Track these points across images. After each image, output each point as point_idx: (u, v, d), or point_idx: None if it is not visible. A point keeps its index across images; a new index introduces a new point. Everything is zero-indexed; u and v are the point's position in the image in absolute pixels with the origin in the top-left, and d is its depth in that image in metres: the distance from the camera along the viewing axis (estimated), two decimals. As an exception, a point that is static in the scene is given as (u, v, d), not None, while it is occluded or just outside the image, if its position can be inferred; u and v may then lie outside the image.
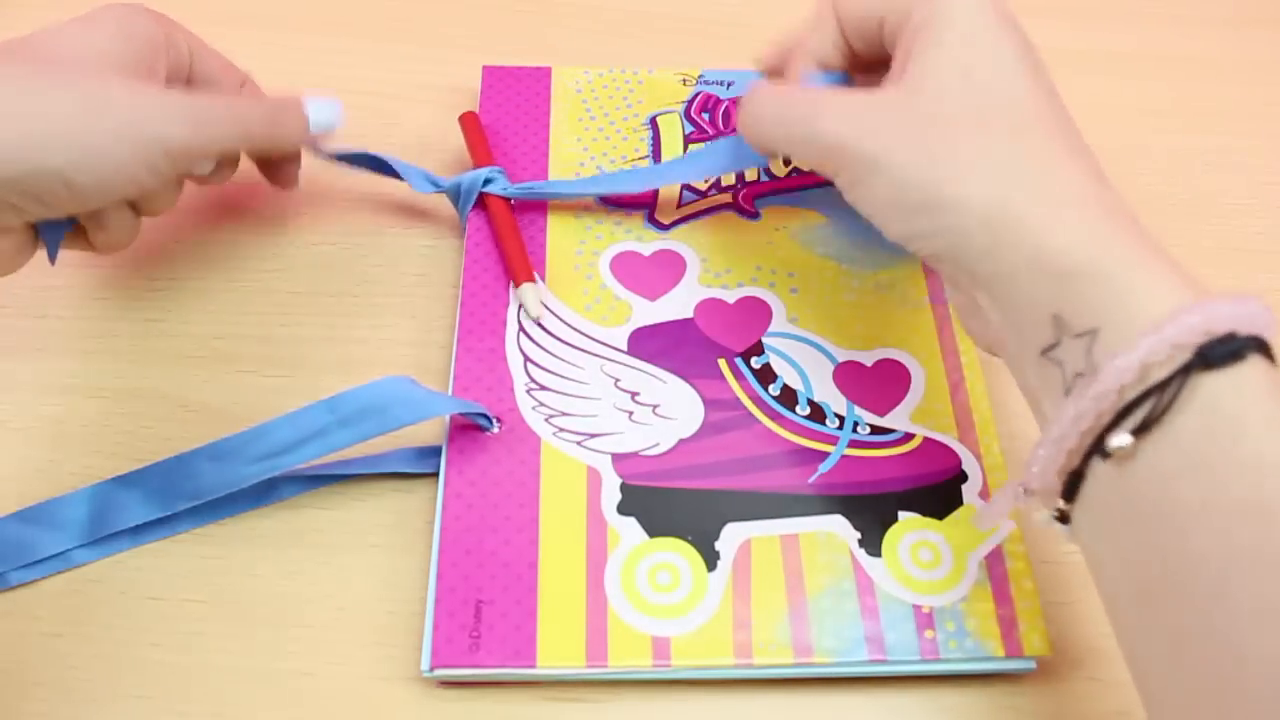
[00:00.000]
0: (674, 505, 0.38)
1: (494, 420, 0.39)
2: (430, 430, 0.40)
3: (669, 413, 0.40)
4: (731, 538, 0.37)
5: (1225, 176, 0.52)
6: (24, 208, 0.35)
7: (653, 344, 0.42)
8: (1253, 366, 0.26)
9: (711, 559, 0.37)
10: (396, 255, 0.46)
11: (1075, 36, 0.58)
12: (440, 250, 0.46)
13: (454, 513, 0.37)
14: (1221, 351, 0.26)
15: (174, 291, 0.44)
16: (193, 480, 0.38)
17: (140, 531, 0.38)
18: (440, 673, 0.35)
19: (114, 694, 0.35)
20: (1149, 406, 0.26)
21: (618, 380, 0.41)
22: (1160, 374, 0.26)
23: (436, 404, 0.38)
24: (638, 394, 0.40)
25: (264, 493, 0.39)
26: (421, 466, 0.39)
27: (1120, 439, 0.27)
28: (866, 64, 0.38)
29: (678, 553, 0.37)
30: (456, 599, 0.35)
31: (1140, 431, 0.27)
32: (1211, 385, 0.26)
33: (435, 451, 0.39)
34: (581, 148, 0.48)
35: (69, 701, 0.35)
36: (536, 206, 0.45)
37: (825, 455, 0.39)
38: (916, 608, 0.36)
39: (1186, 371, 0.26)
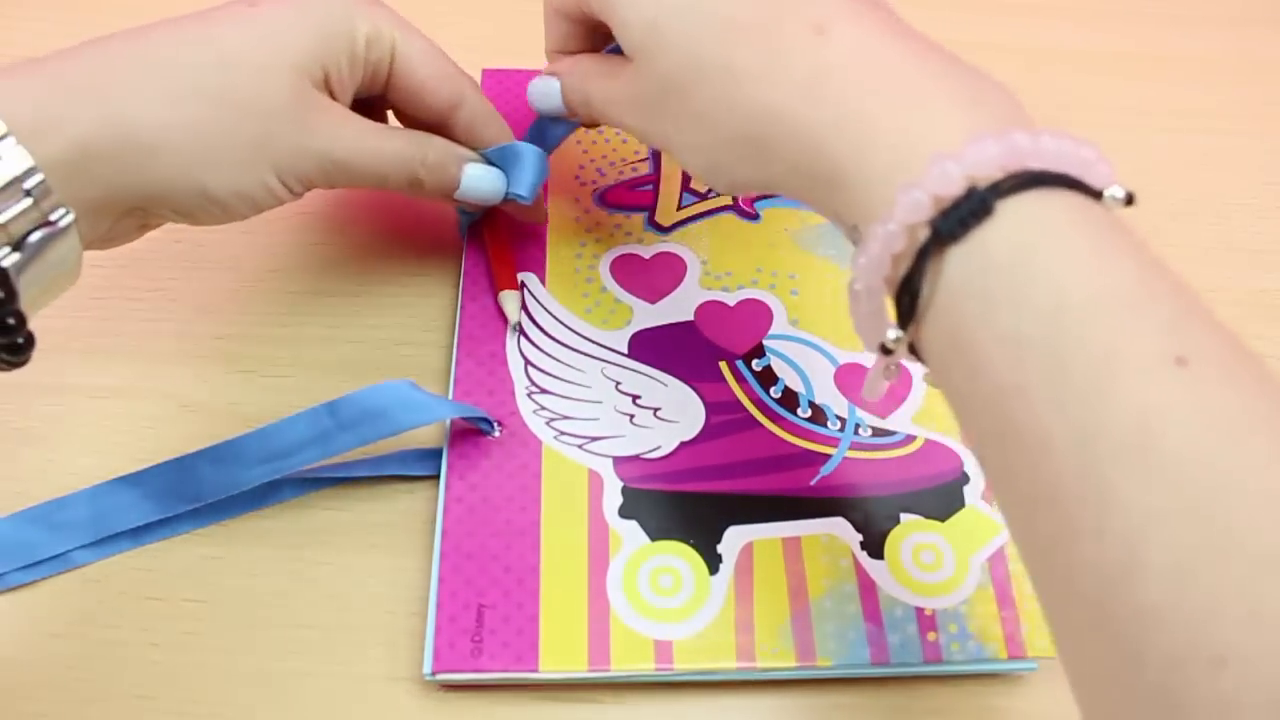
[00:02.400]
0: (676, 508, 0.38)
1: (495, 424, 0.39)
2: (431, 433, 0.40)
3: (670, 416, 0.40)
4: (733, 540, 0.37)
5: (1225, 176, 0.52)
6: (169, 217, 0.35)
7: (654, 347, 0.42)
8: (1015, 216, 0.24)
9: (713, 562, 0.37)
10: (397, 256, 0.46)
11: (1075, 36, 0.57)
12: (441, 251, 0.46)
13: (455, 517, 0.37)
14: (960, 216, 0.24)
15: (175, 292, 0.44)
16: (194, 483, 0.38)
17: (141, 532, 0.38)
18: (442, 677, 0.35)
19: (114, 694, 0.35)
20: (914, 285, 0.25)
21: (619, 383, 0.41)
22: (918, 240, 0.25)
23: (438, 408, 0.38)
24: (639, 397, 0.40)
25: (265, 494, 0.39)
26: (422, 469, 0.39)
27: (892, 332, 0.27)
28: None
29: (680, 556, 0.37)
30: (458, 603, 0.35)
31: (905, 320, 0.26)
32: (961, 256, 0.24)
33: (436, 454, 0.39)
34: (581, 150, 0.48)
35: (69, 701, 0.35)
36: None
37: (827, 458, 0.39)
38: (919, 610, 0.36)
39: (927, 251, 0.25)
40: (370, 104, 0.40)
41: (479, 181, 0.40)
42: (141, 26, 0.34)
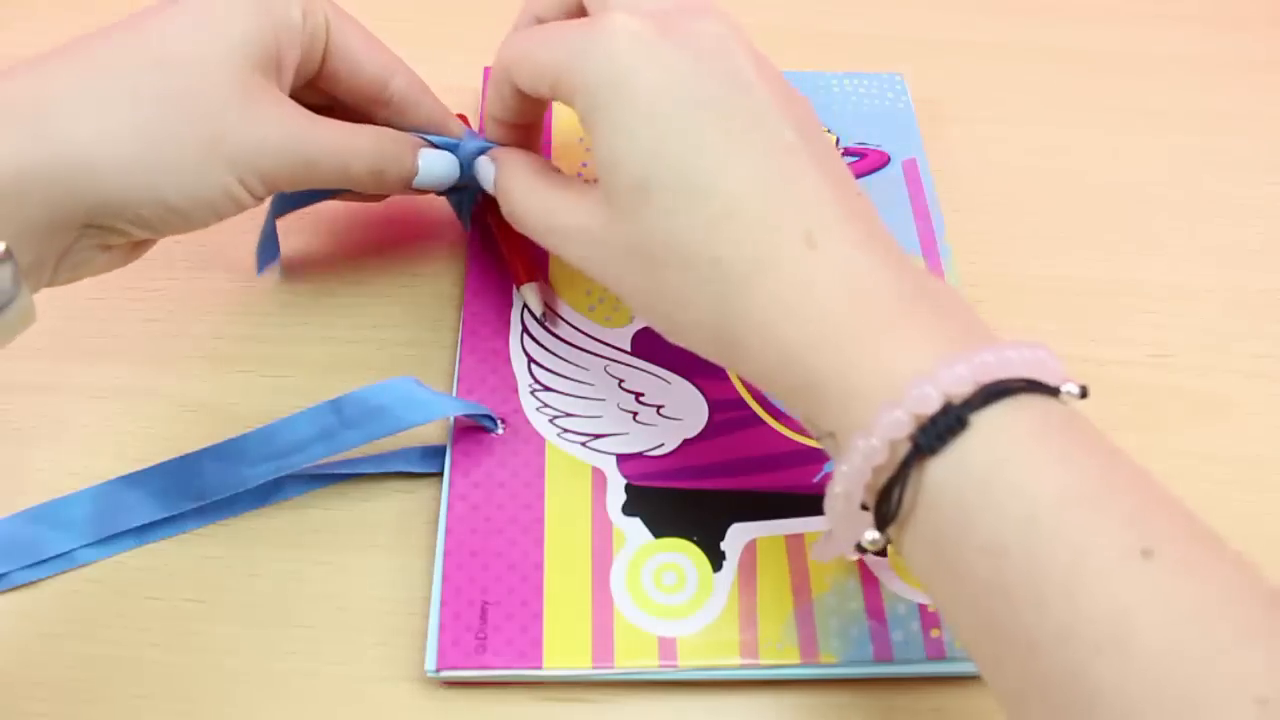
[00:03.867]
0: (679, 506, 0.38)
1: (498, 421, 0.39)
2: (434, 431, 0.40)
3: (674, 413, 0.40)
4: (737, 538, 0.37)
5: (1225, 176, 0.52)
6: (131, 232, 0.33)
7: (657, 344, 0.42)
8: (991, 430, 0.26)
9: (717, 559, 0.37)
10: (397, 256, 0.46)
11: (1075, 36, 0.58)
12: (442, 251, 0.46)
13: (458, 514, 0.37)
14: (938, 432, 0.26)
15: (175, 292, 0.44)
16: (198, 481, 0.37)
17: (143, 531, 0.38)
18: (446, 674, 0.35)
19: (114, 694, 0.35)
20: (894, 496, 0.26)
21: (622, 381, 0.41)
22: (899, 454, 0.26)
23: (441, 405, 0.38)
24: (642, 394, 0.40)
25: (267, 492, 0.39)
26: (425, 466, 0.39)
27: (870, 534, 0.28)
28: None
29: (683, 553, 0.37)
30: (462, 600, 0.35)
31: (884, 524, 0.27)
32: (940, 468, 0.26)
33: (439, 451, 0.39)
34: (584, 148, 0.48)
35: (69, 701, 0.35)
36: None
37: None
38: (922, 607, 0.36)
39: (909, 463, 0.26)
40: (301, 93, 0.38)
41: (434, 165, 0.39)
42: (79, 37, 0.33)
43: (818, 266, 0.29)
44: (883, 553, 0.29)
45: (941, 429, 0.25)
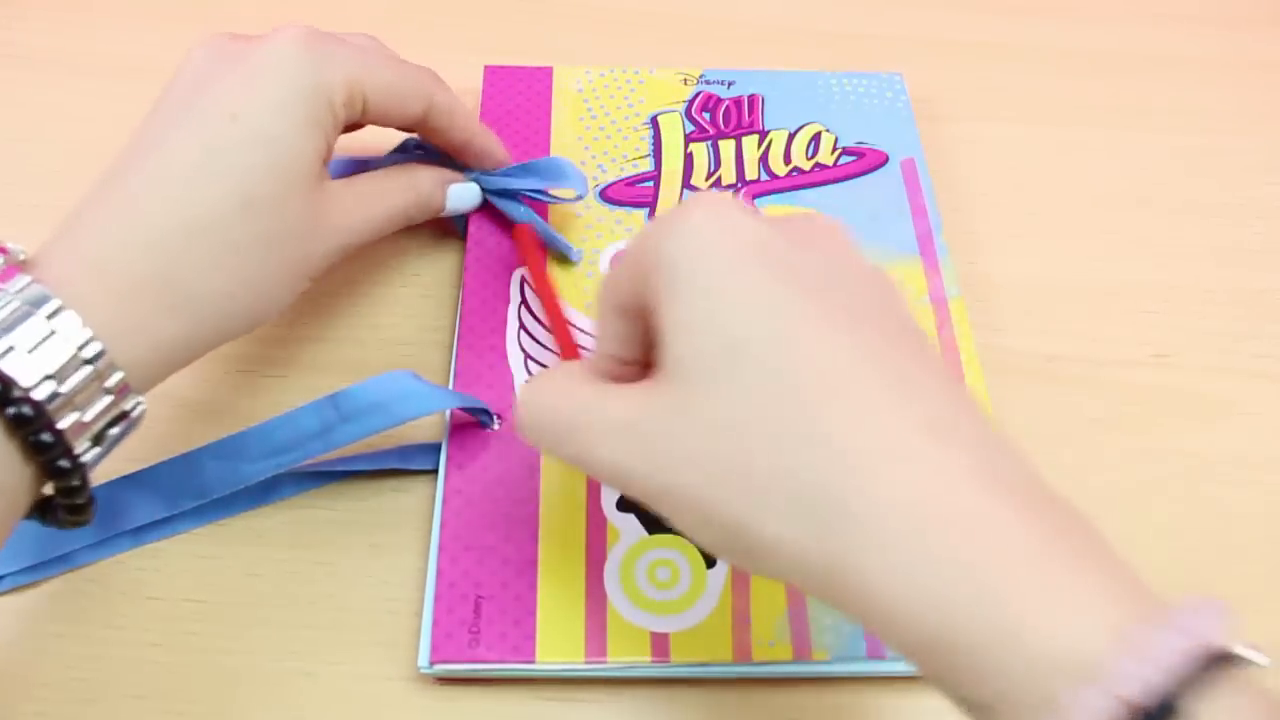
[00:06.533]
0: (674, 503, 0.38)
1: (494, 417, 0.39)
2: (430, 427, 0.40)
3: (669, 411, 0.40)
4: (732, 535, 0.37)
5: (1225, 176, 0.52)
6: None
7: (653, 342, 0.42)
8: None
9: (711, 556, 0.37)
10: (396, 255, 0.46)
11: (1075, 36, 0.58)
12: (440, 250, 0.46)
13: (454, 509, 0.37)
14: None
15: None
16: (197, 479, 0.38)
17: (142, 531, 0.38)
18: (439, 668, 0.35)
19: (114, 694, 0.35)
20: None
21: (618, 378, 0.41)
22: None
23: (439, 399, 0.38)
24: (638, 392, 0.40)
25: (265, 491, 0.39)
26: (422, 463, 0.39)
27: None
28: None
29: (677, 549, 0.37)
30: (456, 595, 0.35)
31: None
32: None
33: (435, 448, 0.39)
34: (583, 147, 0.48)
35: (69, 701, 0.35)
36: (538, 205, 0.45)
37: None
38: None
39: None
40: None
41: (460, 200, 0.43)
42: (144, 167, 0.33)
43: (948, 466, 0.24)
44: None
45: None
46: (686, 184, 0.47)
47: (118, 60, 0.52)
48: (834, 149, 0.48)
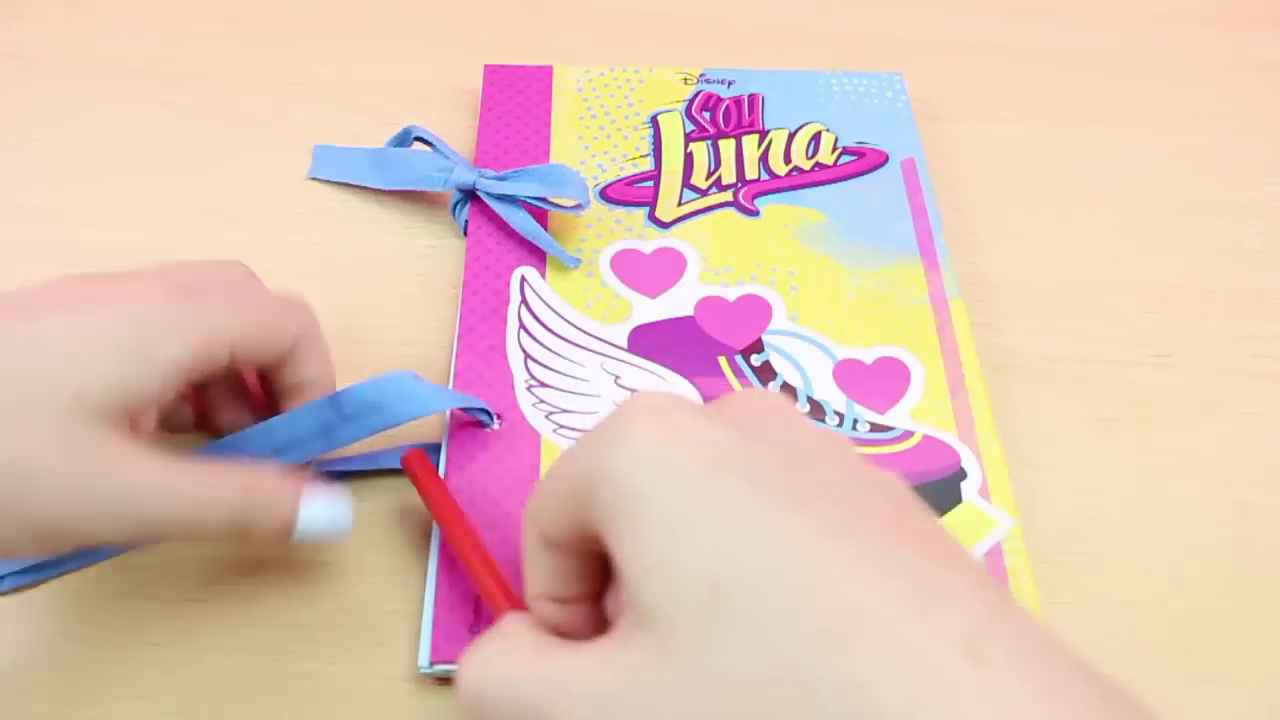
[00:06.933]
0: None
1: (494, 417, 0.39)
2: (431, 427, 0.40)
3: (669, 411, 0.40)
4: (732, 536, 0.37)
5: (1225, 176, 0.52)
6: None
7: (653, 341, 0.42)
8: None
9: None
10: (396, 255, 0.46)
11: (1075, 36, 0.58)
12: (440, 250, 0.46)
13: (454, 510, 0.37)
14: None
15: (174, 290, 0.44)
16: None
17: None
18: (439, 668, 0.34)
19: (114, 694, 0.35)
20: None
21: (618, 378, 0.41)
22: None
23: (439, 399, 0.38)
24: (638, 391, 0.40)
25: None
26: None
27: None
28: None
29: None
30: (456, 595, 0.35)
31: None
32: None
33: (435, 449, 0.39)
34: (583, 146, 0.48)
35: (69, 701, 0.35)
36: (537, 211, 0.45)
37: (826, 453, 0.39)
38: (917, 605, 0.36)
39: None
40: None
41: (317, 518, 0.32)
42: None
43: (996, 684, 0.20)
44: None
45: None
46: (687, 183, 0.47)
47: (118, 60, 0.52)
48: (834, 148, 0.48)
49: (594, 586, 0.27)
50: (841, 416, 0.40)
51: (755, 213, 0.46)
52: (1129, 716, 0.21)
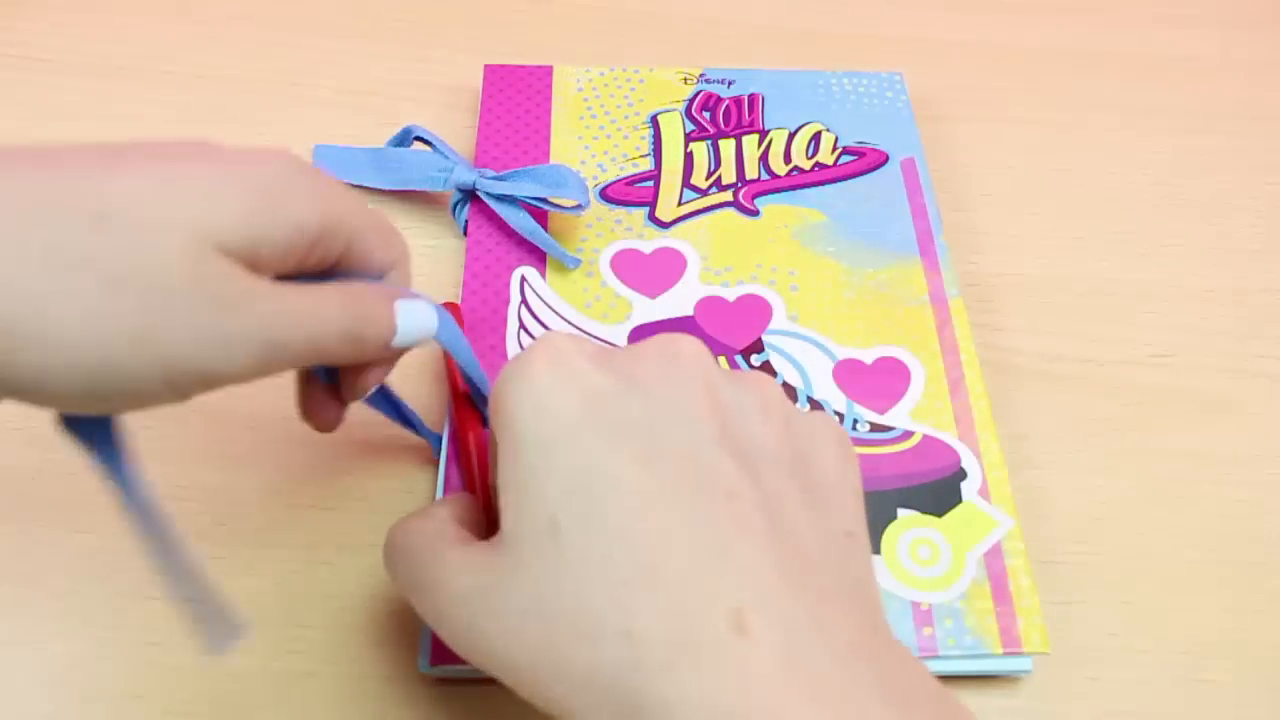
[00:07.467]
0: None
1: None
2: (432, 423, 0.40)
3: (669, 411, 0.40)
4: (732, 536, 0.37)
5: (1225, 176, 0.52)
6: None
7: (653, 342, 0.42)
8: None
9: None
10: (397, 254, 0.46)
11: (1075, 36, 0.58)
12: (440, 250, 0.46)
13: (454, 510, 0.37)
14: None
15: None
16: None
17: None
18: (439, 669, 0.35)
19: (113, 694, 0.35)
20: None
21: (618, 378, 0.41)
22: None
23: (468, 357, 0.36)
24: (638, 392, 0.40)
25: None
26: (426, 435, 0.39)
27: None
28: None
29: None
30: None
31: None
32: None
33: (438, 438, 0.39)
34: (583, 146, 0.48)
35: (69, 701, 0.35)
36: (537, 212, 0.45)
37: (825, 453, 0.39)
38: (915, 604, 0.36)
39: None
40: None
41: (413, 319, 0.32)
42: (35, 155, 0.25)
43: (748, 657, 0.23)
44: None
45: None
46: (687, 183, 0.47)
47: (118, 60, 0.52)
48: (834, 148, 0.48)
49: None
50: (841, 416, 0.40)
51: (755, 213, 0.46)
52: (902, 675, 0.24)
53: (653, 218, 0.46)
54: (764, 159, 0.48)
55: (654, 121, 0.49)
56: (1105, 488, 0.41)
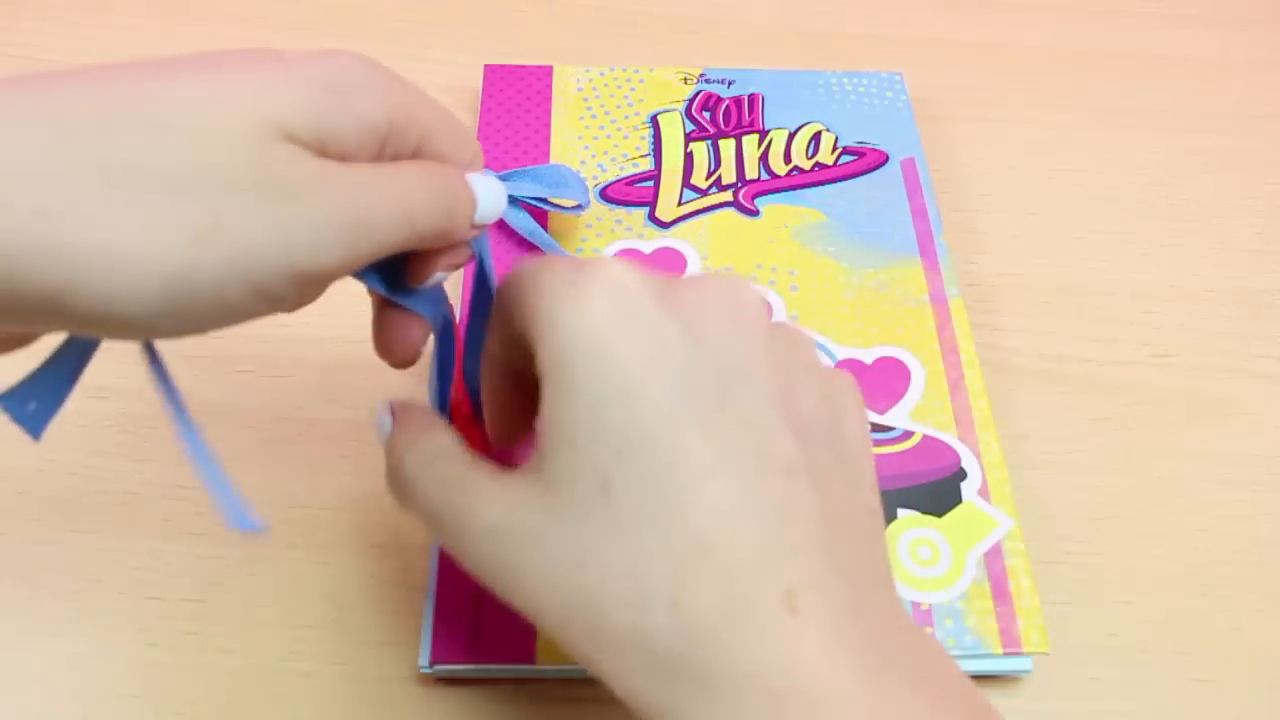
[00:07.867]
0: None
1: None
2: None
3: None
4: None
5: (1224, 176, 0.52)
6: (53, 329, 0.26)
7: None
8: None
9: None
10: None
11: (1075, 36, 0.58)
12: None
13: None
14: None
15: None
16: None
17: None
18: (439, 668, 0.35)
19: (113, 694, 0.35)
20: None
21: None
22: None
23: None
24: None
25: None
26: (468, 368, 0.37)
27: None
28: None
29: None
30: (456, 595, 0.35)
31: None
32: None
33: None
34: (583, 146, 0.48)
35: (68, 701, 0.35)
36: (538, 212, 0.45)
37: (825, 453, 0.39)
38: (915, 604, 0.36)
39: None
40: None
41: (489, 192, 0.30)
42: (83, 74, 0.24)
43: (797, 635, 0.23)
44: None
45: None
46: (687, 183, 0.47)
47: (117, 60, 0.52)
48: (834, 148, 0.48)
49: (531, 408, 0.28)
50: (841, 417, 0.40)
51: (755, 213, 0.46)
52: (927, 681, 0.24)
53: (653, 218, 0.46)
54: (764, 159, 0.48)
55: (654, 121, 0.49)
56: (1105, 488, 0.41)
